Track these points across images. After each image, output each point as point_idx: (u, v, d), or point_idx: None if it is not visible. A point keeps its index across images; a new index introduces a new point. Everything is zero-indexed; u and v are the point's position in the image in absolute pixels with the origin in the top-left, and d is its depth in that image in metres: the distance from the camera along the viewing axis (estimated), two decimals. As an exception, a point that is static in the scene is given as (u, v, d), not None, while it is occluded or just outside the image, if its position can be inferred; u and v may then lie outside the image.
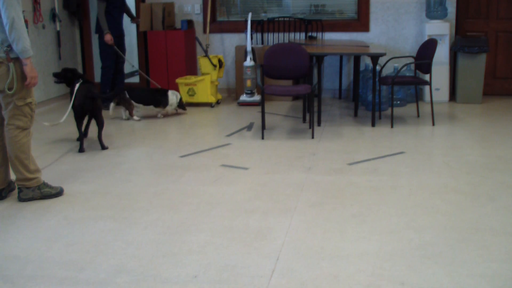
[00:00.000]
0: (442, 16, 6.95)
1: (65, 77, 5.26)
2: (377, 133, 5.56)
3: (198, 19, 7.67)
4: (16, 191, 3.89)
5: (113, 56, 6.84)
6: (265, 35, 7.54)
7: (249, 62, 6.92)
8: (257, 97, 7.02)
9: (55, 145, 5.33)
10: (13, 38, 3.47)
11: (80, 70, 7.91)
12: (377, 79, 5.92)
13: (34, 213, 3.60)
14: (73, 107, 4.98)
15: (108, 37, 6.65)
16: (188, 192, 3.95)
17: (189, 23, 7.45)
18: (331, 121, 6.09)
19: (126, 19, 7.03)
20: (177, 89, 7.12)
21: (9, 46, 3.54)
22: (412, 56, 6.40)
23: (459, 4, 7.21)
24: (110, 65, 6.88)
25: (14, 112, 3.67)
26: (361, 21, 7.36)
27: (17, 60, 3.59)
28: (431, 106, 5.90)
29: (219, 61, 7.04)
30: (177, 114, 6.63)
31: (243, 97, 7.07)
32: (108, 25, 6.68)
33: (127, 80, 7.78)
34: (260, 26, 7.48)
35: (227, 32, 7.66)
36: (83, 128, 5.16)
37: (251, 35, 7.14)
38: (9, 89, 3.59)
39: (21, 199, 3.79)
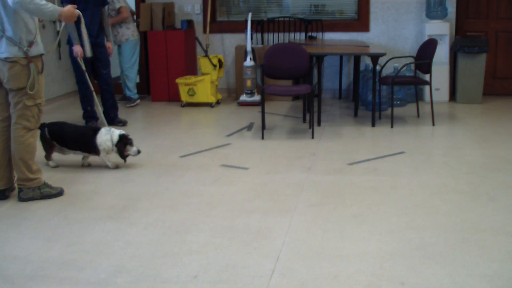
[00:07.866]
0: (442, 16, 6.95)
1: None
2: (377, 133, 5.56)
3: (198, 19, 7.67)
4: (16, 191, 3.89)
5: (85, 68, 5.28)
6: (265, 35, 7.54)
7: (249, 62, 6.92)
8: (257, 97, 7.02)
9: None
10: (34, 10, 3.43)
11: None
12: (377, 79, 5.91)
13: (34, 213, 3.60)
14: None
15: (77, 49, 5.52)
16: (188, 192, 3.95)
17: (189, 23, 7.45)
18: (331, 121, 6.09)
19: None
20: (177, 89, 7.11)
21: (30, 45, 3.58)
22: (412, 56, 6.40)
23: (459, 4, 7.21)
24: (84, 79, 5.42)
25: (23, 111, 3.68)
26: (361, 21, 7.36)
27: (37, 59, 3.65)
28: (431, 106, 5.90)
29: (219, 61, 7.04)
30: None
31: (243, 97, 7.07)
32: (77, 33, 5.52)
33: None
34: (260, 26, 7.48)
35: (227, 32, 7.66)
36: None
37: (251, 35, 7.13)
38: (30, 89, 3.62)
39: (21, 199, 3.79)
